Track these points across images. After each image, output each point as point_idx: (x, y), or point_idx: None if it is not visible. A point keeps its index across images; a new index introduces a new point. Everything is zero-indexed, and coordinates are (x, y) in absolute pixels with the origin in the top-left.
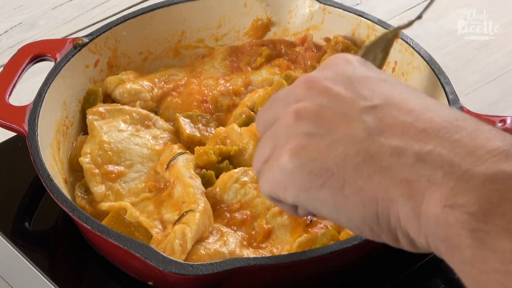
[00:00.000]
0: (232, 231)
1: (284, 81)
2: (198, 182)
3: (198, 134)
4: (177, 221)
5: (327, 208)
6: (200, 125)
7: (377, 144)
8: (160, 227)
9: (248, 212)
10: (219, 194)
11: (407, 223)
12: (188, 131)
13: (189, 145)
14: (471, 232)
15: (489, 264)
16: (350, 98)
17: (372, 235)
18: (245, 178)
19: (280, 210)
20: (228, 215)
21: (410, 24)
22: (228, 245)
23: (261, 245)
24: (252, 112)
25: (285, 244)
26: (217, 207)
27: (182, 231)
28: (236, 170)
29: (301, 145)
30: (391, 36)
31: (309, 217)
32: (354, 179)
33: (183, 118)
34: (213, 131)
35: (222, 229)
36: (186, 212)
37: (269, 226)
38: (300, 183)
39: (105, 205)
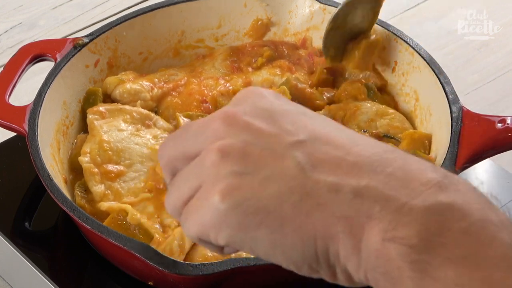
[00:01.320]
0: None
1: (287, 90)
2: None
3: None
4: (178, 225)
5: (264, 247)
6: None
7: (312, 181)
8: (160, 230)
9: None
10: None
11: (346, 259)
12: None
13: None
14: (412, 264)
15: None
16: (274, 133)
17: (310, 272)
18: None
19: None
20: None
21: None
22: None
23: None
24: None
25: None
26: None
27: (181, 233)
28: None
29: (233, 185)
30: None
31: None
32: (293, 217)
33: (183, 117)
34: None
35: None
36: None
37: None
38: (236, 223)
39: (104, 205)
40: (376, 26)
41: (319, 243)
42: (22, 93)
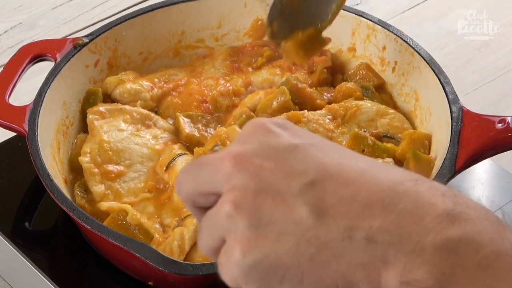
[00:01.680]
0: None
1: (287, 90)
2: None
3: (197, 134)
4: (177, 225)
5: None
6: (200, 125)
7: (325, 229)
8: (160, 230)
9: None
10: None
11: None
12: (187, 131)
13: (188, 144)
14: None
15: None
16: (284, 175)
17: None
18: None
19: None
20: None
21: None
22: None
23: None
24: (252, 113)
25: None
26: None
27: (181, 233)
28: None
29: (250, 241)
30: None
31: None
32: (311, 271)
33: (183, 117)
34: (212, 132)
35: None
36: (186, 217)
37: None
38: (260, 279)
39: (104, 205)
40: (376, 26)
41: None
42: (22, 93)
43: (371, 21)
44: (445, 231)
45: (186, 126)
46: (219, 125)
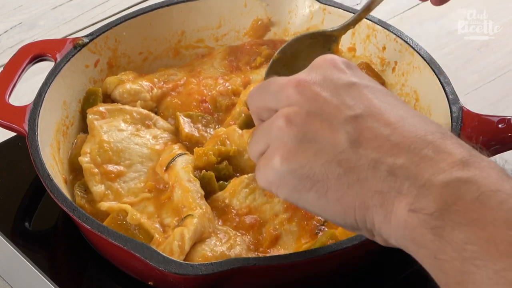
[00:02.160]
0: (240, 235)
1: None
2: (197, 185)
3: (197, 134)
4: (177, 225)
5: (314, 207)
6: (199, 125)
7: (357, 156)
8: (160, 229)
9: (256, 217)
10: (228, 198)
11: (380, 228)
12: (187, 130)
13: (188, 144)
14: (432, 230)
15: (448, 254)
16: (336, 106)
17: (352, 230)
18: (255, 184)
19: (288, 217)
20: (237, 219)
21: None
22: (234, 248)
23: (267, 250)
24: None
25: (292, 250)
26: (225, 210)
27: (181, 233)
28: (246, 176)
29: (291, 151)
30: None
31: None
32: (336, 188)
33: (183, 117)
34: (212, 132)
35: (230, 232)
36: (186, 217)
37: (276, 232)
38: (291, 185)
39: (104, 205)
40: (376, 26)
41: (357, 212)
42: (22, 93)
43: (371, 21)
44: (455, 173)
45: (186, 126)
46: (219, 125)
